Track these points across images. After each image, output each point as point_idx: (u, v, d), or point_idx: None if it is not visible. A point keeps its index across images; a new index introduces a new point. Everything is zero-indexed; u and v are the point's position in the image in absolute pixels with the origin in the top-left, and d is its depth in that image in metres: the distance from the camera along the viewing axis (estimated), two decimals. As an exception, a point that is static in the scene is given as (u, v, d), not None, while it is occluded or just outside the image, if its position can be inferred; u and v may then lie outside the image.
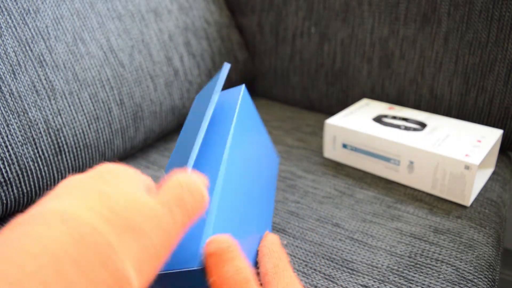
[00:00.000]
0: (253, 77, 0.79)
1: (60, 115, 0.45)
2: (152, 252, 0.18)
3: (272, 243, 0.32)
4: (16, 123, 0.41)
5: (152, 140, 0.60)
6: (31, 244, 0.15)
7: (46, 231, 0.15)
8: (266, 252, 0.30)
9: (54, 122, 0.44)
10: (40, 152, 0.43)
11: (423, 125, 0.51)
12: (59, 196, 0.18)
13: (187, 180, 0.22)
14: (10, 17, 0.42)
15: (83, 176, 0.20)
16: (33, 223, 0.16)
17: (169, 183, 0.22)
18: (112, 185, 0.19)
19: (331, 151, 0.55)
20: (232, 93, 0.36)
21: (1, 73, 0.40)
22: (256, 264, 0.31)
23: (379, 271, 0.36)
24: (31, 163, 0.42)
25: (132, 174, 0.21)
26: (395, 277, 0.36)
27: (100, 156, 0.50)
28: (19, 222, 0.16)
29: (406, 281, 0.35)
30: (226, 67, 0.34)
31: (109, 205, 0.18)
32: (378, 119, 0.54)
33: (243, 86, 0.36)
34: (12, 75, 0.41)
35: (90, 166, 0.49)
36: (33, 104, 0.42)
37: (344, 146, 0.53)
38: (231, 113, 0.33)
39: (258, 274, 0.31)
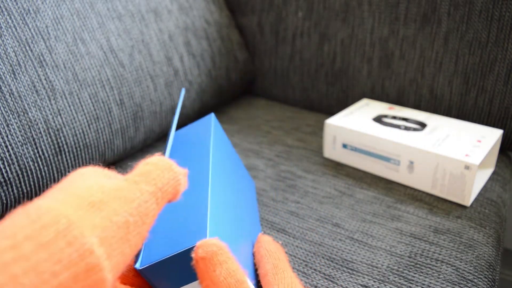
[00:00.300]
0: (253, 77, 0.79)
1: (60, 115, 0.45)
2: (119, 221, 0.18)
3: (268, 243, 0.32)
4: (16, 123, 0.41)
5: (152, 140, 0.60)
6: None
7: (7, 221, 0.16)
8: (264, 253, 0.30)
9: (54, 122, 0.44)
10: (40, 152, 0.43)
11: (423, 125, 0.51)
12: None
13: (152, 158, 0.22)
14: (10, 17, 0.42)
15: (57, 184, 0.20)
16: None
17: (141, 165, 0.22)
18: (76, 181, 0.20)
19: (331, 151, 0.55)
20: (204, 121, 0.39)
21: (1, 73, 0.40)
22: (254, 266, 0.31)
23: (379, 271, 0.36)
24: (31, 163, 0.42)
25: (98, 171, 0.21)
26: (395, 277, 0.36)
27: (100, 156, 0.50)
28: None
29: (406, 281, 0.35)
30: (182, 93, 0.38)
31: (69, 192, 0.18)
32: (378, 119, 0.54)
33: (212, 115, 0.39)
34: (12, 75, 0.41)
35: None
36: (33, 104, 0.42)
37: (344, 146, 0.53)
38: (207, 138, 0.35)
39: (257, 275, 0.31)
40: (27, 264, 0.14)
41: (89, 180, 0.20)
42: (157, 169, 0.22)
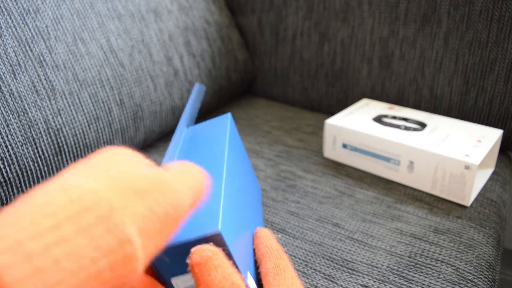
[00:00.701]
0: (253, 77, 0.79)
1: (60, 115, 0.45)
2: (159, 212, 0.18)
3: (267, 239, 0.32)
4: (16, 123, 0.41)
5: (152, 140, 0.60)
6: (29, 208, 0.15)
7: (45, 197, 0.15)
8: (265, 251, 0.30)
9: (54, 122, 0.44)
10: (40, 152, 0.43)
11: (423, 125, 0.51)
12: (62, 175, 0.18)
13: (193, 166, 0.23)
14: (10, 17, 0.42)
15: (86, 159, 0.20)
16: (34, 193, 0.16)
17: (172, 165, 0.22)
18: (114, 162, 0.19)
19: (331, 151, 0.55)
20: (220, 120, 0.40)
21: (1, 73, 0.40)
22: (255, 263, 0.31)
23: (379, 271, 0.36)
24: (31, 163, 0.42)
25: (133, 154, 0.21)
26: (395, 277, 0.36)
27: (100, 156, 0.50)
28: (22, 196, 0.16)
29: (406, 281, 0.35)
30: (200, 89, 0.39)
31: (108, 173, 0.18)
32: (378, 119, 0.54)
33: (229, 114, 0.40)
34: (12, 75, 0.41)
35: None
36: (33, 104, 0.42)
37: (344, 146, 0.53)
38: (223, 137, 0.36)
39: (259, 273, 0.31)
40: (68, 248, 0.14)
41: (128, 165, 0.19)
42: (198, 176, 0.22)
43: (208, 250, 0.23)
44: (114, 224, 0.16)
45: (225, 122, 0.39)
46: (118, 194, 0.17)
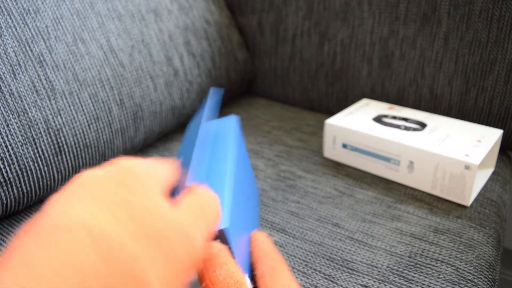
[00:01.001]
0: (253, 77, 0.79)
1: (60, 115, 0.45)
2: (178, 264, 0.18)
3: (263, 242, 0.32)
4: (16, 123, 0.41)
5: (152, 140, 0.60)
6: (58, 262, 0.14)
7: (73, 247, 0.15)
8: (261, 254, 0.30)
9: (54, 122, 0.44)
10: (40, 152, 0.43)
11: (423, 125, 0.51)
12: (79, 199, 0.17)
13: (200, 189, 0.23)
14: (10, 17, 0.42)
15: (100, 173, 0.19)
16: (58, 235, 0.15)
17: (193, 195, 0.22)
18: (134, 192, 0.19)
19: (331, 151, 0.55)
20: (226, 122, 0.40)
21: (1, 73, 0.40)
22: (251, 266, 0.31)
23: (379, 271, 0.36)
24: (31, 163, 0.42)
25: (151, 173, 0.21)
26: (395, 277, 0.36)
27: (100, 156, 0.50)
28: (41, 231, 0.15)
29: (406, 281, 0.35)
30: (214, 93, 0.39)
31: (135, 217, 0.17)
32: (378, 119, 0.54)
33: (236, 117, 0.40)
34: (12, 75, 0.41)
35: (90, 166, 0.49)
36: (33, 104, 0.42)
37: (344, 146, 0.53)
38: (230, 139, 0.36)
39: (254, 276, 0.31)
40: None
41: (149, 197, 0.19)
42: (208, 204, 0.22)
43: (215, 247, 0.23)
44: (144, 284, 0.15)
45: (231, 125, 0.39)
46: (143, 245, 0.17)
